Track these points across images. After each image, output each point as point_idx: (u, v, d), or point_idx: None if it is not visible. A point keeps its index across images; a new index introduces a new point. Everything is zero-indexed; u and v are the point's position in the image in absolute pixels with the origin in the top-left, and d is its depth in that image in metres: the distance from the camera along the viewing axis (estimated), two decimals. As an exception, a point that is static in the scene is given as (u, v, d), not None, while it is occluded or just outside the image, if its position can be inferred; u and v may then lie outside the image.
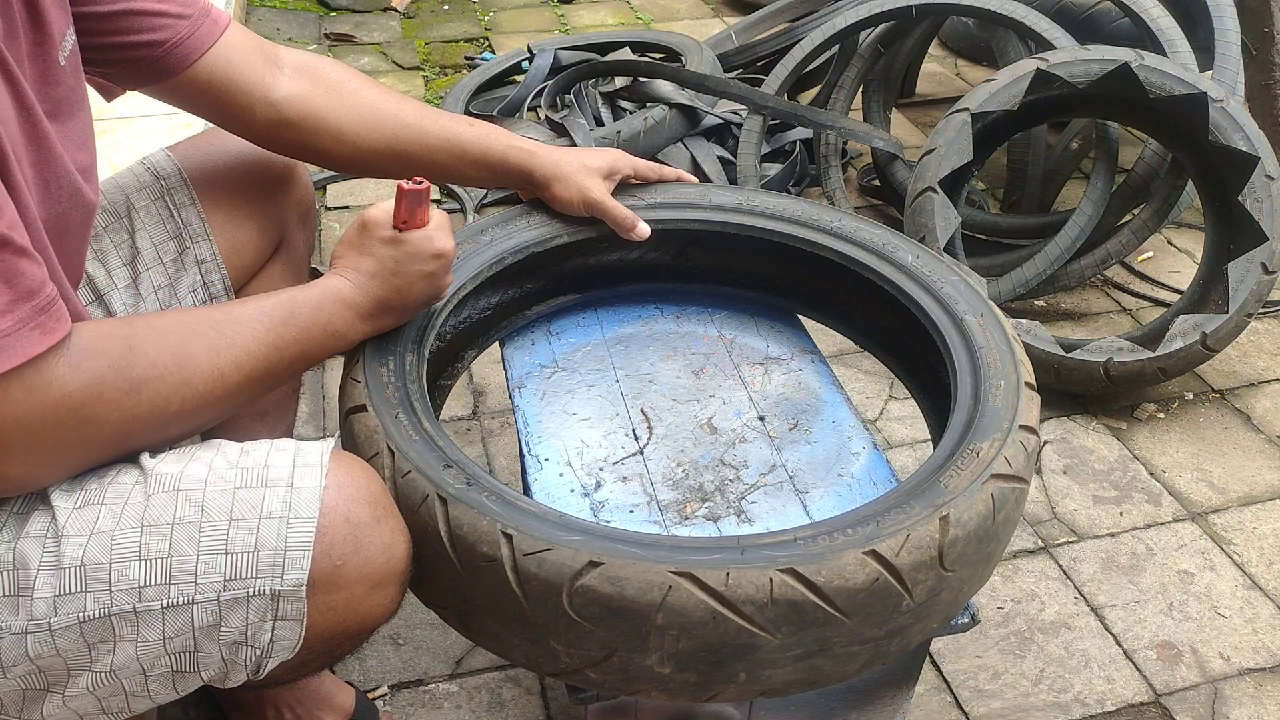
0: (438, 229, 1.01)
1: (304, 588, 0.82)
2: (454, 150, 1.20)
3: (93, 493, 0.83)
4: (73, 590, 0.80)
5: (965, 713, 1.40)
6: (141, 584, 0.80)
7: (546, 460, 1.15)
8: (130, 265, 1.13)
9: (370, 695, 1.38)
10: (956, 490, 0.89)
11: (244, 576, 0.81)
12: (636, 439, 1.18)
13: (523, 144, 1.22)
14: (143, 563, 0.80)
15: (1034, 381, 1.04)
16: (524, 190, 1.28)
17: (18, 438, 0.76)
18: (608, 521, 1.06)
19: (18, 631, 0.80)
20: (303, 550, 0.82)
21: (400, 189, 0.98)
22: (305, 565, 0.82)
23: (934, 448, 1.03)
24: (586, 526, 0.87)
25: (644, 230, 1.24)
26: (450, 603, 0.93)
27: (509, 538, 0.84)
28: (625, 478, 1.12)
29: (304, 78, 1.13)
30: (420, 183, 0.98)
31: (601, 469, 1.14)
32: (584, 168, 1.24)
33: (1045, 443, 1.02)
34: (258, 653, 0.85)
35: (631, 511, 1.08)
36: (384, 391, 0.99)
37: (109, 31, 0.97)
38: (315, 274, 2.29)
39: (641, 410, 1.22)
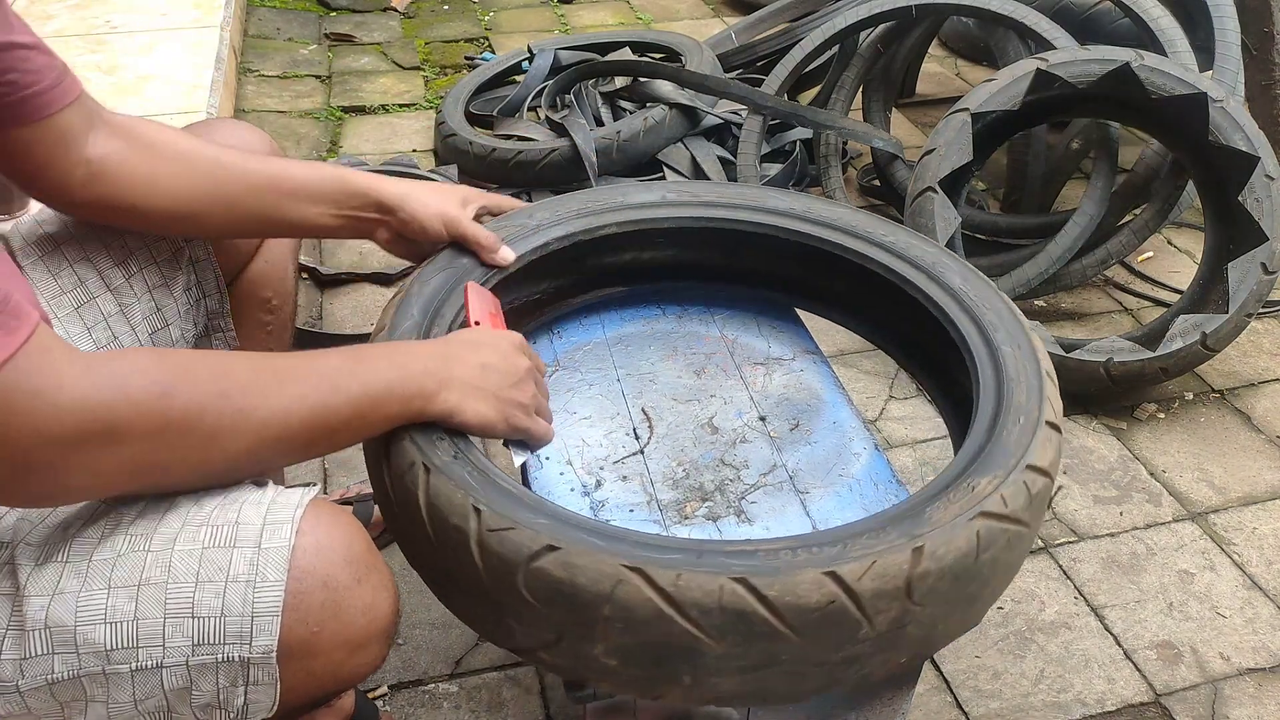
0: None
1: (274, 654, 0.80)
2: (283, 186, 1.09)
3: (56, 548, 0.81)
4: (39, 653, 0.78)
5: (965, 713, 1.40)
6: (108, 647, 0.78)
7: (547, 459, 1.15)
8: (123, 265, 1.12)
9: (370, 695, 1.38)
10: (939, 523, 0.86)
11: (212, 642, 0.79)
12: (637, 438, 1.18)
13: (361, 173, 1.13)
14: (108, 625, 0.78)
15: (1058, 421, 0.99)
16: (378, 229, 1.16)
17: (34, 448, 0.71)
18: (607, 521, 1.06)
19: None
20: (270, 616, 0.79)
21: (465, 288, 0.95)
22: (274, 631, 0.79)
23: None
24: (558, 512, 0.88)
25: (508, 255, 1.16)
26: (426, 570, 0.95)
27: (478, 512, 0.85)
28: (625, 477, 1.12)
29: (119, 137, 1.03)
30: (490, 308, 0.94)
31: (602, 468, 1.14)
32: (435, 188, 1.16)
33: (1059, 488, 0.99)
34: (231, 715, 0.83)
35: (631, 511, 1.08)
36: None
37: None
38: (314, 273, 2.29)
39: (642, 409, 1.22)
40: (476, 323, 0.94)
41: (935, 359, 1.25)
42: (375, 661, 0.88)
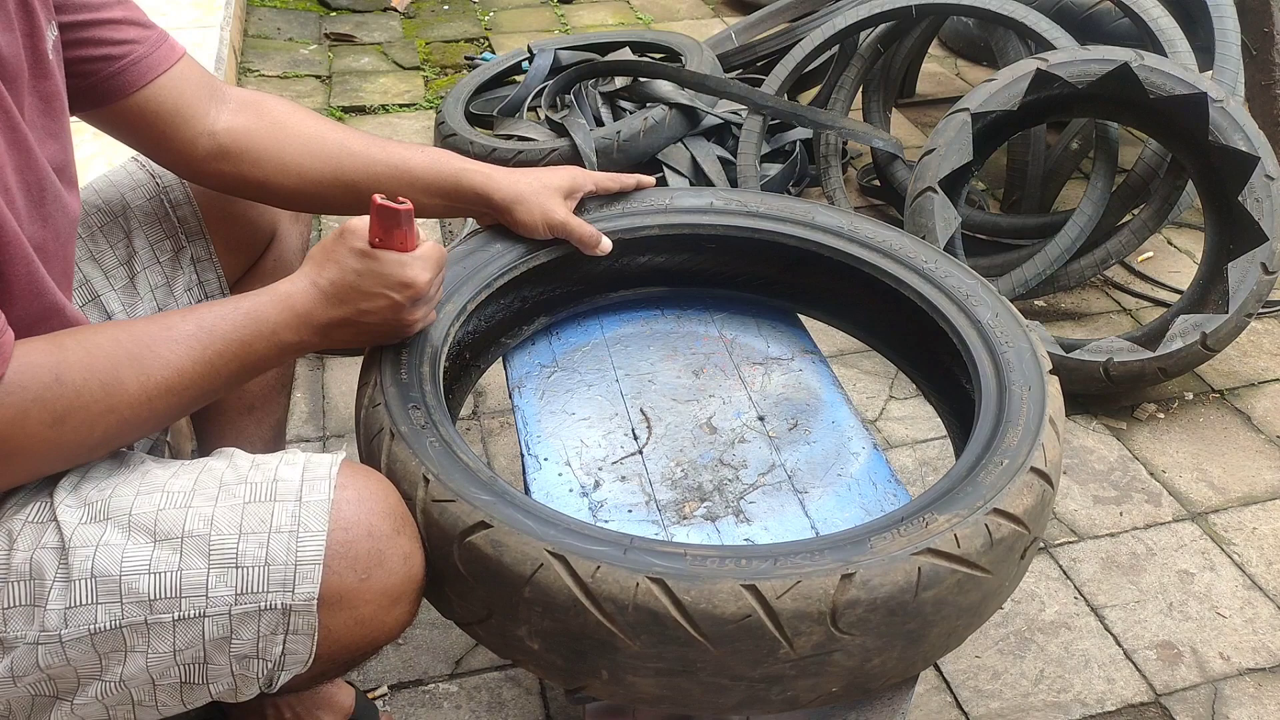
0: (417, 258, 0.96)
1: (315, 602, 0.82)
2: (403, 178, 1.13)
3: (96, 508, 0.83)
4: (84, 602, 0.80)
5: (965, 713, 1.40)
6: (152, 597, 0.80)
7: (546, 460, 1.15)
8: (127, 265, 1.12)
9: (370, 695, 1.38)
10: (879, 553, 0.83)
11: (255, 590, 0.81)
12: (636, 439, 1.18)
13: (477, 167, 1.17)
14: (153, 576, 0.80)
15: (1047, 470, 0.95)
16: (482, 216, 1.23)
17: None
18: (605, 522, 1.06)
19: (30, 641, 0.80)
20: (313, 564, 0.82)
21: (372, 202, 0.93)
22: (316, 579, 0.82)
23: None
24: (506, 491, 0.89)
25: (607, 245, 1.22)
26: None
27: (426, 481, 0.89)
28: (624, 477, 1.12)
29: (247, 111, 1.09)
30: (402, 202, 0.94)
31: (600, 469, 1.14)
32: (544, 188, 1.20)
33: (1034, 539, 0.94)
34: (269, 666, 0.85)
35: (630, 511, 1.08)
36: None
37: (72, 43, 0.94)
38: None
39: (641, 410, 1.22)
40: (378, 239, 0.94)
41: (949, 383, 1.25)
42: (407, 618, 0.91)
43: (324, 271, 0.95)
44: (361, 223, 0.96)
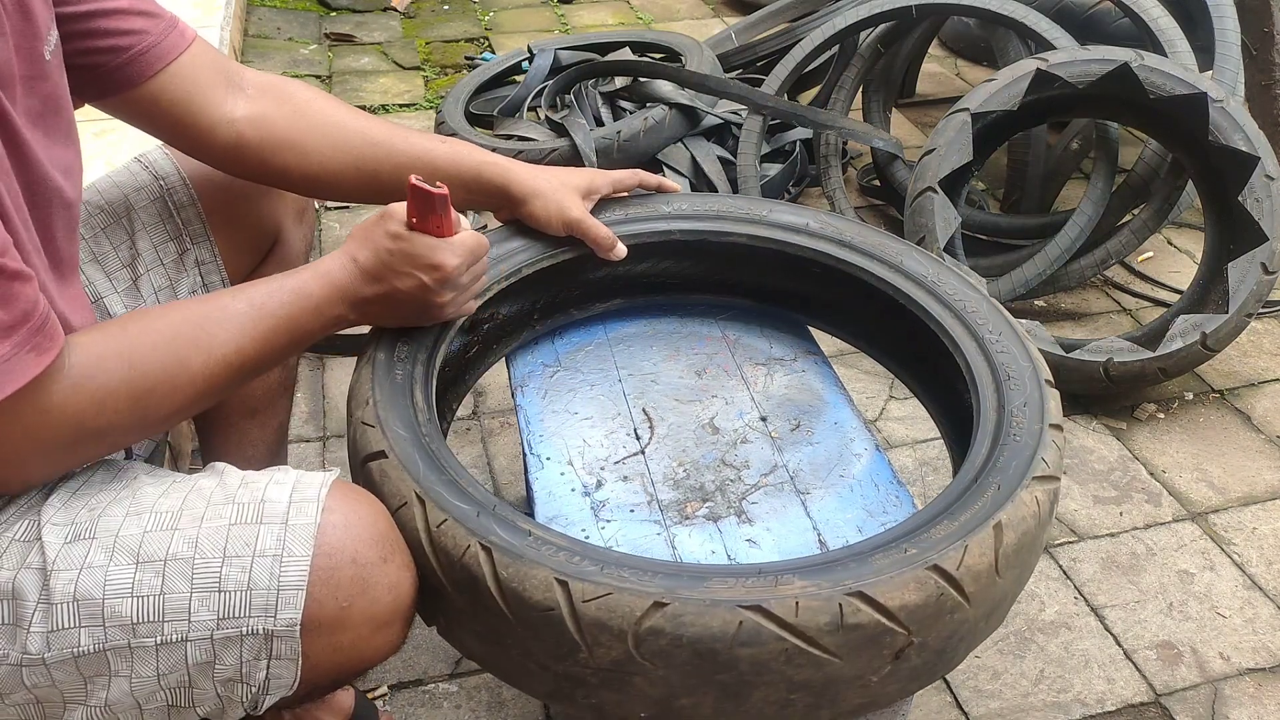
0: (448, 243, 0.98)
1: (297, 628, 0.82)
2: (424, 169, 1.13)
3: (84, 527, 0.83)
4: (66, 625, 0.80)
5: (965, 713, 1.40)
6: (135, 621, 0.80)
7: (548, 459, 1.15)
8: (130, 267, 1.12)
9: (370, 695, 1.38)
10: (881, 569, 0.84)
11: (237, 615, 0.81)
12: (638, 438, 1.18)
13: (497, 159, 1.18)
14: (135, 599, 0.80)
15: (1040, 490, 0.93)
16: (500, 210, 1.24)
17: (28, 452, 0.80)
18: (608, 521, 1.06)
19: (14, 662, 0.80)
20: (295, 590, 0.81)
21: (408, 184, 0.95)
22: (299, 605, 0.81)
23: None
24: (494, 506, 0.89)
25: (622, 250, 1.22)
26: None
27: (422, 504, 0.89)
28: (626, 477, 1.12)
29: (266, 98, 1.08)
30: (439, 186, 0.96)
31: (603, 468, 1.14)
32: (562, 185, 1.20)
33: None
34: (253, 690, 0.85)
35: (632, 511, 1.08)
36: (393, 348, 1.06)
37: (76, 35, 0.93)
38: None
39: (643, 410, 1.22)
40: (414, 221, 0.97)
41: (952, 405, 1.23)
42: (396, 642, 0.90)
43: (361, 250, 0.99)
44: (401, 207, 0.99)
